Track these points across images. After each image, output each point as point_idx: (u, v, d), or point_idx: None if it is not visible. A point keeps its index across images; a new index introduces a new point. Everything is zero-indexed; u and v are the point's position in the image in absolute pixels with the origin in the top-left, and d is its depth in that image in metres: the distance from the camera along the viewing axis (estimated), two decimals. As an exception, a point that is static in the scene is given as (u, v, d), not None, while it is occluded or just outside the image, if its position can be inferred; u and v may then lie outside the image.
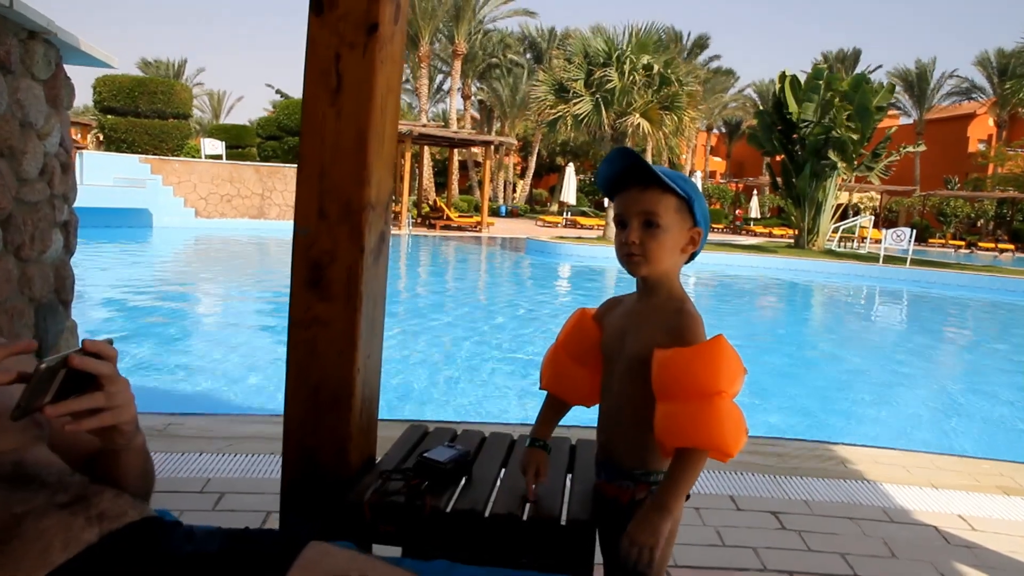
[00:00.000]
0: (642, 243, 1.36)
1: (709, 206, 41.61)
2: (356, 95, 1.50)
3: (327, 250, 1.52)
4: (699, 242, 1.41)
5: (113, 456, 1.08)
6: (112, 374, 0.98)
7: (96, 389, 0.96)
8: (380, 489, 1.49)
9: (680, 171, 21.90)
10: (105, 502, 1.02)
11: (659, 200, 1.35)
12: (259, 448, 3.18)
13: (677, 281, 1.43)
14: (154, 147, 21.80)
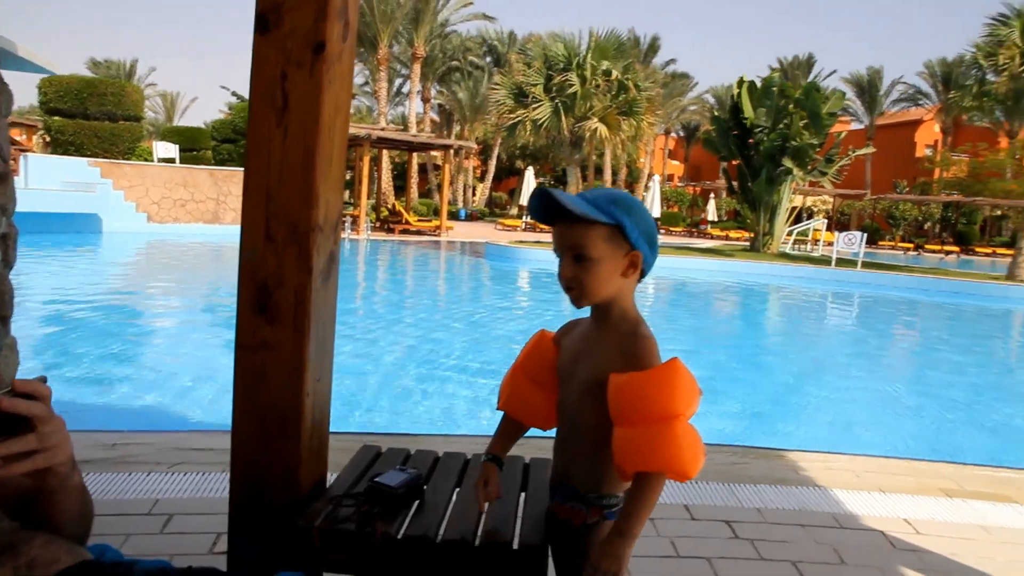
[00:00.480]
0: (576, 277, 1.34)
1: (667, 209, 42.36)
2: (303, 115, 1.48)
3: (274, 273, 1.49)
4: (641, 263, 1.38)
5: (47, 497, 1.04)
6: (45, 415, 0.94)
7: (28, 430, 0.93)
8: (330, 515, 1.47)
9: (638, 174, 22.39)
10: (35, 549, 0.99)
11: (585, 233, 1.33)
12: (209, 465, 3.12)
13: (629, 303, 1.41)
14: (104, 150, 21.27)
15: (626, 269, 1.37)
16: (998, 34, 15.08)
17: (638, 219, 1.35)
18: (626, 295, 1.41)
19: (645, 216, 1.38)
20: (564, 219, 1.33)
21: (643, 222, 1.37)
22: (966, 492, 3.39)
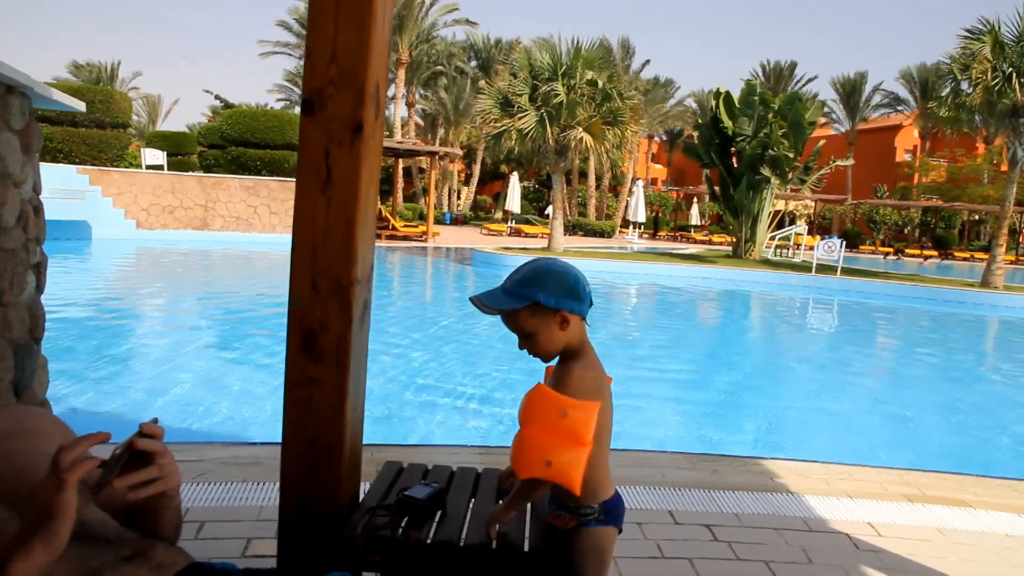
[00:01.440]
0: (529, 349, 1.68)
1: (651, 213, 42.77)
2: (343, 186, 1.75)
3: (319, 320, 1.76)
4: (571, 315, 1.65)
5: (157, 513, 1.30)
6: (162, 450, 1.21)
7: (149, 462, 1.19)
8: (368, 524, 1.73)
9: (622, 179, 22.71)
10: (160, 554, 1.25)
11: (514, 319, 1.66)
12: (232, 475, 3.36)
13: (577, 343, 1.70)
14: (92, 157, 21.34)
15: (561, 325, 1.66)
16: (971, 48, 15.51)
17: (552, 286, 1.64)
18: (574, 340, 1.70)
19: (558, 279, 1.66)
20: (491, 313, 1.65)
21: (556, 286, 1.65)
22: (926, 497, 3.70)
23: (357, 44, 1.72)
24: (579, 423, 1.59)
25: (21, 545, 1.02)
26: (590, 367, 1.69)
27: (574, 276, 1.68)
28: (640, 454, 4.07)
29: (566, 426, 1.59)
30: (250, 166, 22.92)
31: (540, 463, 1.59)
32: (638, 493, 3.40)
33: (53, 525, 1.03)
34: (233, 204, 21.17)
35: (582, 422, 1.59)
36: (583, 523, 1.72)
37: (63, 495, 1.04)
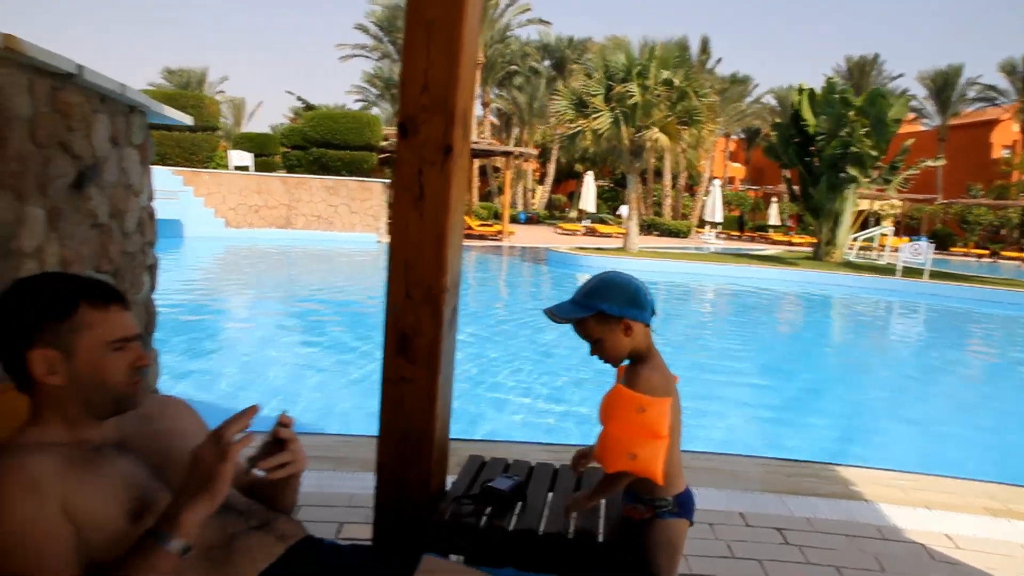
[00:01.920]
0: (598, 354, 1.82)
1: (728, 213, 41.92)
2: (434, 202, 1.91)
3: (412, 324, 1.93)
4: (634, 322, 1.79)
5: (281, 492, 1.51)
6: (294, 438, 1.42)
7: (283, 448, 1.39)
8: (455, 512, 1.90)
9: (698, 178, 22.39)
10: (282, 525, 1.44)
11: (583, 327, 1.80)
12: (323, 464, 3.59)
13: (643, 347, 1.83)
14: (185, 159, 22.45)
15: (625, 331, 1.79)
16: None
17: (615, 297, 1.78)
18: (639, 344, 1.83)
19: (620, 290, 1.80)
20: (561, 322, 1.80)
21: (619, 296, 1.79)
22: (1011, 512, 3.61)
23: (446, 74, 1.88)
24: (655, 418, 1.72)
25: (188, 500, 1.21)
26: (656, 368, 1.81)
27: (635, 286, 1.81)
28: (713, 456, 4.13)
29: (645, 421, 1.72)
30: (330, 166, 23.69)
31: (625, 456, 1.73)
32: (710, 495, 3.46)
33: (214, 488, 1.22)
34: (314, 203, 21.94)
35: (658, 416, 1.73)
36: (658, 515, 1.83)
37: (226, 465, 1.22)
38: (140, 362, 1.39)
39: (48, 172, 2.55)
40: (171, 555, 1.18)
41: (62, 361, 1.31)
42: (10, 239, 2.30)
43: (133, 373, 1.38)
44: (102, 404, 1.35)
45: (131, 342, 1.38)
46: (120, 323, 1.37)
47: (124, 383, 1.36)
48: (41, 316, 1.31)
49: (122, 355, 1.35)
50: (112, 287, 1.41)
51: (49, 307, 1.32)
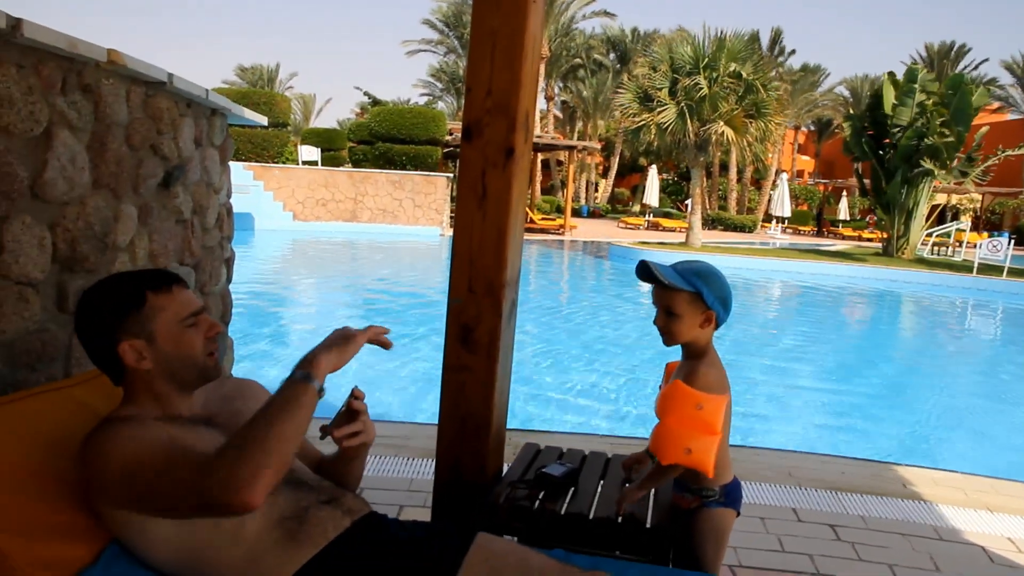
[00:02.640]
0: (665, 326, 1.88)
1: (796, 207, 40.82)
2: (497, 202, 2.02)
3: (474, 316, 2.05)
4: (715, 319, 1.86)
5: (349, 464, 1.65)
6: (365, 410, 1.57)
7: (355, 419, 1.53)
8: (510, 496, 2.01)
9: (765, 172, 21.93)
10: (349, 501, 1.58)
11: (673, 296, 1.86)
12: (384, 451, 3.77)
13: (704, 344, 1.90)
14: (256, 155, 23.20)
15: (703, 323, 1.87)
16: None
17: (715, 288, 1.86)
18: (702, 340, 1.90)
19: (721, 286, 1.87)
20: (659, 284, 1.85)
21: (719, 290, 1.86)
22: (1078, 517, 3.53)
23: (510, 80, 1.99)
24: (711, 415, 1.80)
25: (324, 348, 1.41)
26: (713, 366, 1.89)
27: (729, 290, 1.90)
28: (768, 452, 4.15)
29: (702, 417, 1.80)
30: (396, 161, 24.13)
31: (681, 450, 1.81)
32: (763, 489, 3.50)
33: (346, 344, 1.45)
34: (380, 197, 22.39)
35: (715, 413, 1.80)
36: (705, 504, 1.92)
37: (363, 332, 1.51)
38: (213, 330, 1.55)
39: (140, 173, 2.77)
40: (310, 387, 1.34)
41: (147, 346, 1.48)
42: (107, 234, 2.51)
43: (209, 342, 1.54)
44: (187, 376, 1.52)
45: (199, 315, 1.54)
46: (185, 301, 1.53)
47: (203, 353, 1.52)
48: (118, 312, 1.49)
49: (195, 329, 1.52)
50: (167, 271, 1.59)
51: (122, 303, 1.49)
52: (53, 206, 2.20)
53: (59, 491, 1.47)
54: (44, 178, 2.12)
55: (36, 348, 2.14)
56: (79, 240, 2.32)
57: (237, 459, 1.23)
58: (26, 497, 1.42)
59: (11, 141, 1.98)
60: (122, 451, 1.33)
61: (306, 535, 1.45)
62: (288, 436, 1.28)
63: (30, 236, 2.08)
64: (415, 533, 1.59)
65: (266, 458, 1.23)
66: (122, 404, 1.54)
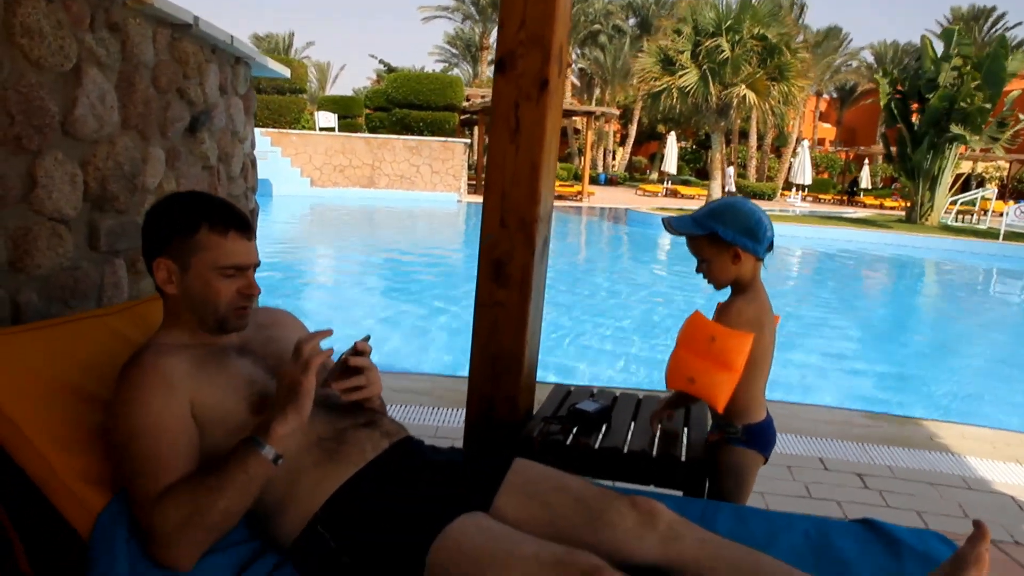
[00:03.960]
0: (704, 274, 1.88)
1: (816, 175, 40.17)
2: (530, 135, 2.00)
3: (507, 251, 2.03)
4: (744, 252, 1.83)
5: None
6: (369, 366, 1.55)
7: (359, 373, 1.53)
8: (544, 430, 2.01)
9: (786, 139, 21.62)
10: (387, 424, 1.59)
11: (695, 244, 1.87)
12: (408, 400, 3.79)
13: (748, 279, 1.88)
14: (274, 121, 23.16)
15: (734, 260, 1.84)
16: None
17: (732, 222, 1.82)
18: (744, 275, 1.87)
19: (740, 217, 1.83)
20: (676, 233, 1.87)
21: (738, 223, 1.82)
22: (1108, 470, 3.50)
23: (543, 11, 1.95)
24: (729, 350, 1.77)
25: (278, 412, 1.35)
26: (752, 302, 1.86)
27: (756, 218, 1.84)
28: (793, 405, 4.13)
29: (713, 351, 1.78)
30: (413, 127, 23.99)
31: (684, 379, 1.81)
32: (790, 440, 3.49)
33: (300, 399, 1.34)
34: (397, 163, 22.31)
35: (733, 350, 1.77)
36: (727, 440, 1.90)
37: (308, 376, 1.35)
38: (248, 290, 1.51)
39: (168, 116, 2.76)
40: (263, 460, 1.31)
41: (179, 273, 1.48)
42: (136, 175, 2.51)
43: (240, 299, 1.50)
44: (206, 320, 1.50)
45: (244, 271, 1.51)
46: (235, 251, 1.48)
47: (228, 307, 1.49)
48: (170, 229, 1.48)
49: (232, 281, 1.48)
50: (238, 214, 1.54)
51: (177, 222, 1.48)
52: (84, 144, 2.20)
53: (95, 412, 1.48)
54: (75, 115, 2.11)
55: (69, 284, 2.16)
56: (109, 179, 2.32)
57: (180, 527, 1.27)
58: (65, 414, 1.44)
59: (42, 75, 1.98)
60: (127, 415, 1.35)
61: (344, 455, 1.46)
62: (233, 511, 1.32)
63: (62, 172, 2.08)
64: (452, 458, 1.59)
65: (205, 535, 1.30)
66: (160, 328, 1.55)
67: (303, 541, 1.38)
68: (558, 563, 1.21)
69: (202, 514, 1.27)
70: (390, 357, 5.68)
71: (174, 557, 1.28)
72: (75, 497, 1.34)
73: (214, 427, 1.41)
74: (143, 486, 1.31)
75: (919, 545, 1.59)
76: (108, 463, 1.41)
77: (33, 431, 1.35)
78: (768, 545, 1.56)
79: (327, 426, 1.49)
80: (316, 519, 1.39)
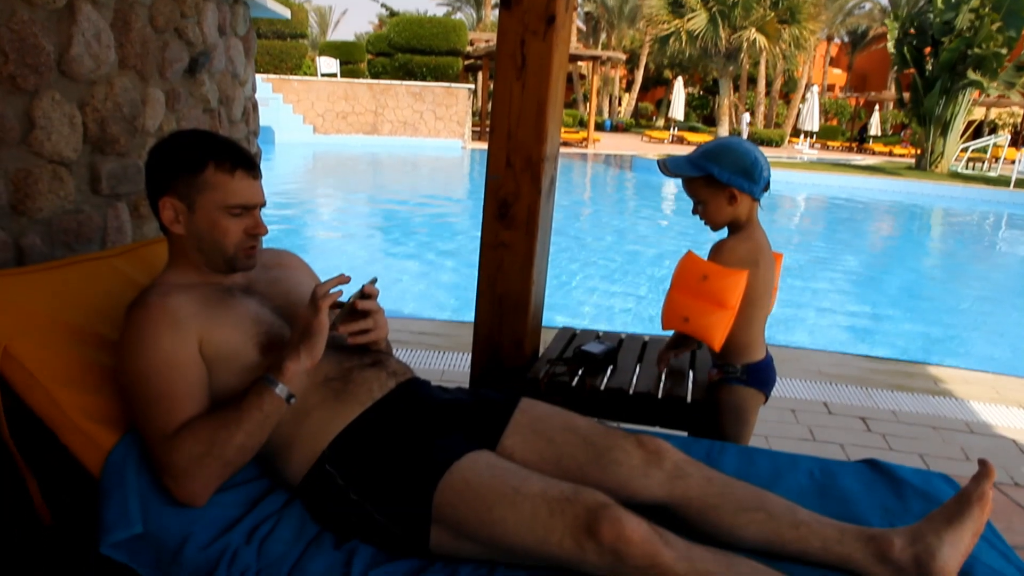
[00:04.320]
0: (701, 215, 1.86)
1: (825, 122, 39.53)
2: (537, 72, 1.95)
3: (512, 192, 2.00)
4: (738, 193, 1.80)
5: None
6: (376, 309, 1.54)
7: (366, 316, 1.52)
8: (550, 371, 2.02)
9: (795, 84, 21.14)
10: (393, 364, 1.58)
11: (691, 185, 1.85)
12: (413, 345, 3.81)
13: (744, 219, 1.86)
14: (275, 67, 22.79)
15: (730, 200, 1.82)
16: None
17: (727, 163, 1.79)
18: (740, 215, 1.85)
19: (735, 157, 1.79)
20: (671, 175, 1.85)
21: (733, 164, 1.79)
22: (1111, 413, 3.51)
23: (551, -60, 1.88)
24: (722, 289, 1.76)
25: (291, 351, 1.36)
26: (746, 240, 1.84)
27: (752, 158, 1.80)
28: (797, 351, 4.13)
29: (706, 289, 1.77)
30: (416, 72, 23.60)
31: (679, 319, 1.82)
32: (793, 384, 3.50)
33: (313, 338, 1.36)
34: (400, 110, 22.01)
35: (726, 288, 1.76)
36: (726, 379, 1.91)
37: (320, 316, 1.36)
38: (255, 229, 1.49)
39: (166, 56, 2.70)
40: (277, 398, 1.33)
41: (186, 213, 1.45)
42: (136, 117, 2.47)
43: (247, 239, 1.49)
44: (214, 260, 1.49)
45: (251, 210, 1.49)
46: (242, 190, 1.46)
47: (236, 246, 1.48)
48: (175, 167, 1.45)
49: (239, 220, 1.47)
50: (244, 153, 1.51)
51: (183, 161, 1.45)
52: (81, 84, 2.16)
53: (101, 352, 1.48)
54: (70, 53, 2.07)
55: (73, 228, 2.14)
56: (108, 121, 2.28)
57: (197, 461, 1.29)
58: (72, 354, 1.44)
59: (34, 12, 1.93)
60: (137, 355, 1.35)
61: (351, 395, 1.46)
62: (249, 447, 1.33)
63: (60, 113, 2.05)
64: (459, 397, 1.60)
65: (221, 469, 1.31)
66: (165, 268, 1.54)
67: (311, 480, 1.40)
68: (565, 500, 1.21)
69: (219, 448, 1.29)
70: (396, 303, 5.69)
71: (190, 491, 1.29)
72: (84, 436, 1.35)
73: (222, 366, 1.41)
74: (158, 424, 1.31)
75: (923, 485, 1.60)
76: (117, 402, 1.41)
77: (41, 372, 1.35)
78: (772, 484, 1.57)
79: (334, 366, 1.49)
80: (323, 457, 1.40)
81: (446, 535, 1.29)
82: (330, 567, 1.26)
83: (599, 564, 1.18)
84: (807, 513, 1.38)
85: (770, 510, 1.37)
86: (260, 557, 1.27)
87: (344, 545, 1.33)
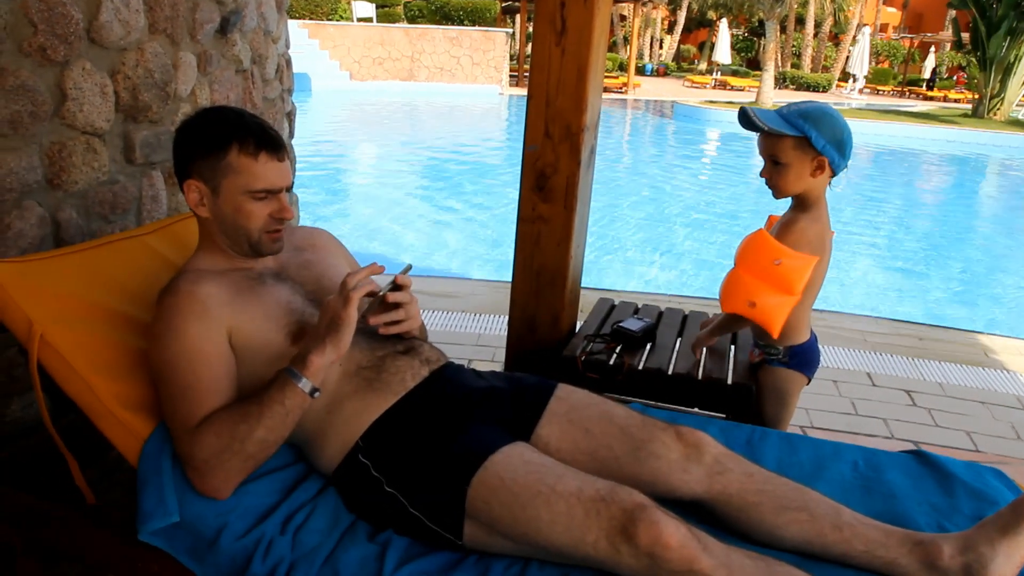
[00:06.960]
0: (771, 178, 1.72)
1: (876, 64, 37.87)
2: (577, 37, 1.85)
3: (551, 163, 1.94)
4: (828, 166, 1.69)
5: None
6: (408, 300, 1.49)
7: (398, 307, 1.47)
8: (587, 348, 1.98)
9: (845, 26, 20.16)
10: (427, 351, 1.56)
11: (777, 143, 1.68)
12: (450, 306, 3.79)
13: (815, 196, 1.75)
14: (310, 12, 22.52)
15: (814, 171, 1.70)
16: None
17: (826, 130, 1.66)
18: (813, 190, 1.74)
19: (834, 126, 1.67)
20: (761, 131, 1.68)
21: (832, 132, 1.67)
22: None
23: None
24: (792, 273, 1.68)
25: (316, 343, 1.32)
26: (817, 221, 1.75)
27: (848, 132, 1.71)
28: (842, 315, 4.03)
29: (778, 274, 1.68)
30: (452, 16, 23.14)
31: (745, 302, 1.72)
32: (837, 353, 3.42)
33: (340, 331, 1.31)
34: (437, 55, 21.68)
35: (796, 272, 1.68)
36: (767, 361, 1.85)
37: (348, 309, 1.31)
38: (280, 214, 1.45)
39: (196, 18, 2.64)
40: (300, 392, 1.30)
41: (210, 196, 1.42)
42: (167, 83, 2.43)
43: (272, 223, 1.44)
44: (239, 244, 1.46)
45: (276, 194, 1.44)
46: (266, 173, 1.41)
47: (260, 231, 1.44)
48: (200, 149, 1.42)
49: (264, 204, 1.42)
50: (269, 134, 1.45)
51: (208, 142, 1.41)
52: (111, 52, 2.12)
53: (136, 336, 1.48)
54: (99, 20, 2.03)
55: (108, 199, 2.13)
56: (140, 88, 2.25)
57: (217, 456, 1.27)
58: (106, 339, 1.44)
59: (62, -21, 1.88)
60: (165, 344, 1.33)
61: (384, 384, 1.44)
62: (271, 441, 1.31)
63: (91, 83, 2.02)
64: (494, 383, 1.57)
65: (242, 464, 1.29)
66: (196, 251, 1.52)
67: (344, 470, 1.39)
68: (600, 500, 1.18)
69: (240, 443, 1.28)
70: (432, 260, 5.67)
71: (212, 485, 1.29)
72: (120, 424, 1.35)
73: (252, 356, 1.39)
74: (182, 415, 1.31)
75: (974, 481, 1.53)
76: (151, 389, 1.41)
77: (77, 359, 1.35)
78: (815, 476, 1.53)
79: (366, 354, 1.47)
80: (357, 448, 1.38)
81: (480, 530, 1.28)
82: (364, 559, 1.25)
83: (635, 567, 1.16)
84: (851, 514, 1.33)
85: (812, 510, 1.33)
86: (295, 548, 1.27)
87: (378, 537, 1.32)
